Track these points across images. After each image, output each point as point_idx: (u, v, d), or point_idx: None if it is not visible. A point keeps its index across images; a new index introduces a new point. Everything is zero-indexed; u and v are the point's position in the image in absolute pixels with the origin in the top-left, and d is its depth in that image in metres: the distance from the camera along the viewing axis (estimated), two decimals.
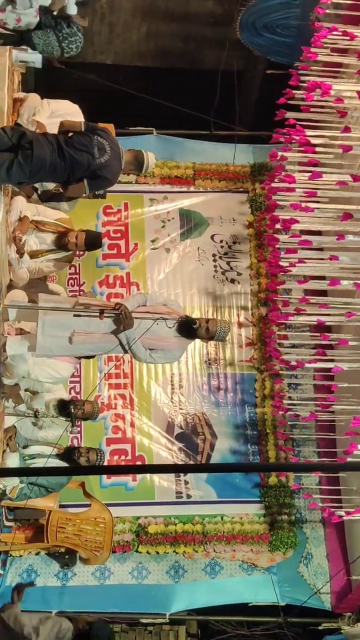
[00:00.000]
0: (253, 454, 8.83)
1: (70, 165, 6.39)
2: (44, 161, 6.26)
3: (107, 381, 8.73)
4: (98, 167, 6.48)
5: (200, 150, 9.63)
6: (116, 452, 8.65)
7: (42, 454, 7.25)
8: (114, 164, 6.59)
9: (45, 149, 6.27)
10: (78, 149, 6.40)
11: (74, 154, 6.36)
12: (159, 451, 8.70)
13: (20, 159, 6.19)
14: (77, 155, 6.37)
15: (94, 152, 6.46)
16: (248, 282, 9.27)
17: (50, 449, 7.33)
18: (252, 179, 9.53)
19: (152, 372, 8.89)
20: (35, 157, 6.21)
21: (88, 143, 6.49)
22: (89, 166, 6.44)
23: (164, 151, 9.50)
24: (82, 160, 6.40)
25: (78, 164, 6.40)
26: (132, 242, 9.29)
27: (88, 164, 6.43)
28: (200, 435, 8.82)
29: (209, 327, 6.86)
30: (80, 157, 6.39)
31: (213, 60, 10.46)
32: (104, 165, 6.51)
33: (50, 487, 7.29)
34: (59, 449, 7.47)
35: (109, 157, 6.52)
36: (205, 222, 9.44)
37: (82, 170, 6.45)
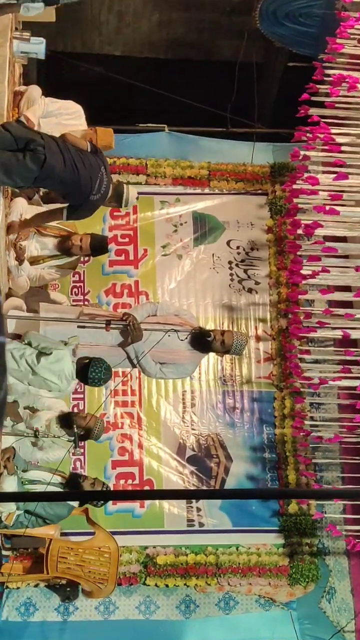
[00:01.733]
0: (271, 479, 8.83)
1: (73, 182, 6.42)
2: (53, 171, 6.27)
3: (113, 398, 8.73)
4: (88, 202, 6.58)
5: (216, 149, 9.65)
6: (122, 475, 8.65)
7: (43, 480, 7.21)
8: (100, 201, 6.71)
9: (57, 158, 6.28)
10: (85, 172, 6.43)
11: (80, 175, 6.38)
12: (169, 475, 8.70)
13: (29, 162, 6.15)
14: (81, 178, 6.40)
15: (95, 184, 6.52)
16: (267, 292, 9.29)
17: (52, 476, 7.28)
18: (271, 180, 9.55)
19: (162, 389, 8.89)
20: (47, 164, 6.20)
21: (95, 171, 6.53)
22: (84, 195, 6.52)
23: (177, 150, 9.58)
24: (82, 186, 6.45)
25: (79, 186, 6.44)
26: (142, 247, 9.32)
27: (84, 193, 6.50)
28: (214, 458, 8.82)
29: (224, 340, 6.89)
30: (83, 182, 6.43)
31: (230, 52, 10.51)
32: (94, 201, 6.62)
33: (48, 519, 7.24)
34: (62, 476, 7.43)
35: (100, 195, 6.61)
36: (220, 227, 9.47)
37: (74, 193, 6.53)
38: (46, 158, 6.16)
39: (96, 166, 6.48)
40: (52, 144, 6.31)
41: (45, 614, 8.09)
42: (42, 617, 8.08)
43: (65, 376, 6.83)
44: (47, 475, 7.25)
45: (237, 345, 6.97)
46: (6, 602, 8.02)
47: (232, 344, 6.93)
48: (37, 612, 8.09)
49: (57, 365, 6.76)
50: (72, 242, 7.58)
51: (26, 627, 7.98)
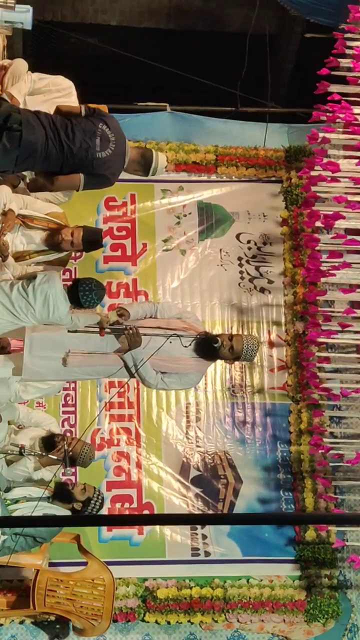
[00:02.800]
0: (286, 502, 8.84)
1: (65, 156, 6.34)
2: (35, 147, 6.21)
3: (108, 412, 8.73)
4: (98, 163, 6.44)
5: (224, 131, 9.66)
6: (119, 498, 8.64)
7: (28, 497, 7.22)
8: (116, 160, 6.56)
9: (37, 133, 6.21)
10: (77, 137, 6.34)
11: (72, 142, 6.30)
12: (170, 498, 8.71)
13: (6, 142, 6.11)
14: (75, 145, 6.31)
15: (95, 143, 6.41)
16: (281, 292, 9.29)
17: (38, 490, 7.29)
18: (287, 165, 9.56)
19: (162, 401, 8.90)
20: (25, 141, 6.15)
21: (90, 131, 6.43)
22: (88, 160, 6.39)
23: (180, 131, 9.58)
24: (80, 152, 6.34)
25: (74, 155, 6.34)
26: (140, 241, 9.33)
27: (87, 157, 6.37)
28: (222, 479, 8.81)
29: (233, 345, 6.88)
30: (78, 147, 6.33)
31: (240, 22, 10.52)
32: (105, 160, 6.47)
33: (39, 537, 7.22)
34: (49, 490, 7.41)
35: (111, 152, 6.48)
36: (229, 218, 9.48)
37: (79, 163, 6.39)
38: (22, 135, 6.11)
39: (90, 127, 6.42)
40: (31, 117, 6.26)
41: None
42: None
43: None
44: (33, 490, 7.26)
45: (247, 351, 6.93)
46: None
47: (242, 349, 6.89)
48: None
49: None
50: (62, 235, 7.53)
51: None
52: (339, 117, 7.45)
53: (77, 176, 6.46)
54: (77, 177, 6.46)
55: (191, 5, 11.03)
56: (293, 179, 9.45)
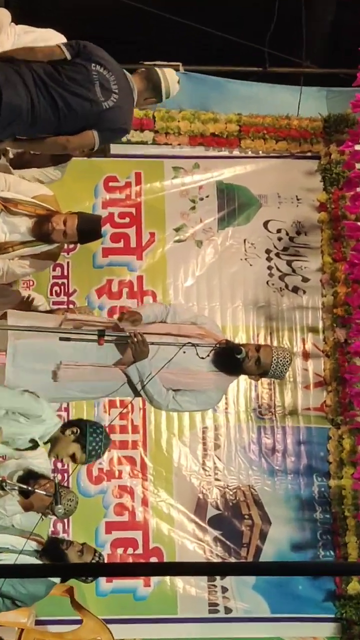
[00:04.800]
0: (324, 547, 8.92)
1: (60, 116, 6.28)
2: (19, 110, 6.16)
3: None
4: (106, 115, 6.37)
5: (249, 96, 9.72)
6: (121, 542, 8.72)
7: (11, 548, 7.22)
8: (125, 103, 6.46)
9: (20, 91, 6.16)
10: (72, 89, 6.25)
11: (67, 97, 6.23)
12: (184, 542, 8.79)
13: None
14: (71, 100, 6.25)
15: (95, 93, 6.31)
16: (319, 292, 9.38)
17: (22, 540, 7.26)
18: (325, 138, 9.62)
19: (174, 424, 8.98)
20: (6, 104, 6.12)
21: (84, 79, 6.33)
22: (92, 115, 6.32)
23: (196, 96, 9.60)
24: (80, 107, 6.27)
25: (73, 112, 6.28)
26: (147, 231, 9.42)
27: (90, 111, 6.31)
28: (246, 520, 8.89)
29: (260, 358, 6.80)
30: (76, 102, 6.27)
31: None
32: (114, 109, 6.38)
33: (18, 600, 7.22)
34: (38, 541, 7.42)
35: (118, 97, 6.38)
36: (255, 203, 9.55)
37: (81, 121, 6.33)
38: (2, 97, 6.06)
39: (83, 73, 6.40)
40: (11, 73, 6.19)
41: None
42: None
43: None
44: (17, 540, 7.26)
45: (277, 366, 6.85)
46: None
47: (270, 363, 6.82)
48: None
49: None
50: (52, 224, 7.53)
51: None
52: None
53: (89, 133, 6.38)
54: (89, 134, 6.38)
55: None
56: (333, 155, 9.49)
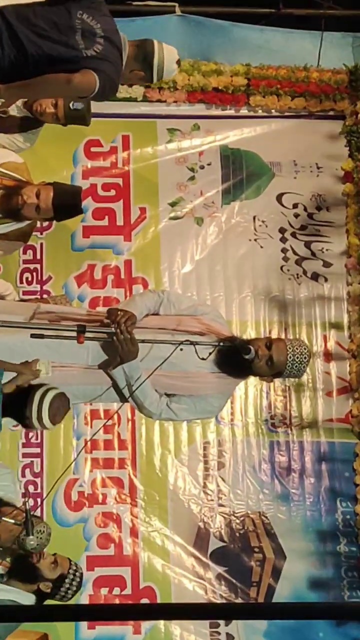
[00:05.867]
0: (350, 586, 8.80)
1: (31, 65, 6.22)
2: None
3: (89, 454, 8.73)
4: (86, 63, 6.30)
5: (260, 42, 9.62)
6: (105, 581, 8.65)
7: None
8: (111, 56, 6.42)
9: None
10: (44, 35, 6.24)
11: (37, 40, 6.19)
12: (181, 580, 8.71)
13: None
14: (42, 43, 6.19)
15: (75, 40, 6.29)
16: (343, 279, 9.31)
17: None
18: (351, 94, 9.51)
19: (169, 438, 8.91)
20: None
21: (64, 24, 6.32)
22: (69, 61, 6.26)
23: (195, 43, 9.54)
24: (53, 52, 6.22)
25: (45, 56, 6.22)
26: (137, 206, 9.31)
27: (67, 57, 6.26)
28: (256, 553, 8.77)
29: (272, 356, 6.64)
30: (47, 47, 6.22)
31: None
32: (95, 58, 6.33)
33: None
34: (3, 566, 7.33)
35: (102, 48, 6.34)
36: (267, 171, 9.47)
37: (57, 66, 6.27)
38: None
39: (65, 16, 6.33)
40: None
41: None
42: None
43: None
44: None
45: (294, 363, 6.68)
46: None
47: (285, 361, 6.65)
48: None
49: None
50: (22, 197, 7.38)
51: None
52: None
53: (89, 72, 6.32)
54: (90, 73, 6.32)
55: None
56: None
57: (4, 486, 7.54)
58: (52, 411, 6.41)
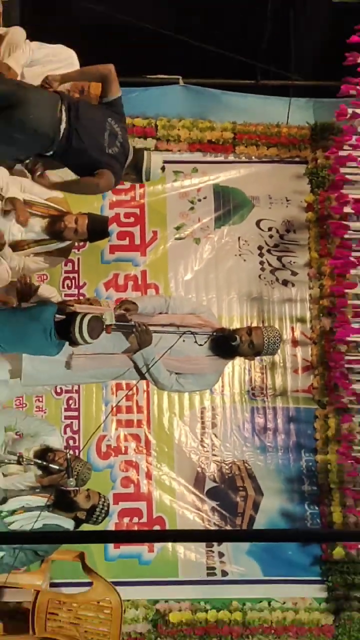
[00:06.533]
0: (312, 517, 8.85)
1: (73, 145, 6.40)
2: (44, 137, 6.29)
3: (115, 417, 8.79)
4: (106, 160, 6.55)
5: (243, 106, 9.65)
6: (127, 512, 8.68)
7: (26, 507, 7.17)
8: (122, 158, 6.68)
9: (45, 117, 6.27)
10: (85, 125, 6.39)
11: (80, 130, 6.34)
12: (184, 512, 8.74)
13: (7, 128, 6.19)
14: (82, 133, 6.35)
15: (104, 137, 6.49)
16: (306, 285, 9.30)
17: (36, 499, 7.24)
18: (312, 144, 9.56)
19: (175, 405, 8.93)
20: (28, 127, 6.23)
21: (98, 122, 6.50)
22: (95, 153, 6.49)
23: (194, 107, 9.58)
24: (86, 142, 6.40)
25: (82, 144, 6.41)
26: (150, 229, 9.36)
27: (94, 149, 6.47)
28: (241, 491, 8.83)
29: (253, 341, 6.76)
30: (85, 137, 6.39)
31: None
32: (114, 158, 6.59)
33: (41, 551, 7.16)
34: (49, 499, 7.32)
35: (118, 150, 6.57)
36: (248, 203, 9.49)
37: (84, 155, 6.49)
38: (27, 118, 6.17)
39: (99, 117, 6.47)
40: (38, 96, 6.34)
41: None
42: None
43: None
44: (31, 499, 7.22)
45: (269, 344, 6.82)
46: None
47: (263, 343, 6.79)
48: None
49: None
50: (64, 223, 7.47)
51: None
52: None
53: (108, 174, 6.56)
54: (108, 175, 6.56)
55: None
56: (319, 160, 9.43)
57: (52, 440, 7.65)
58: (90, 328, 6.46)
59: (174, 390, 7.01)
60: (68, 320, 6.59)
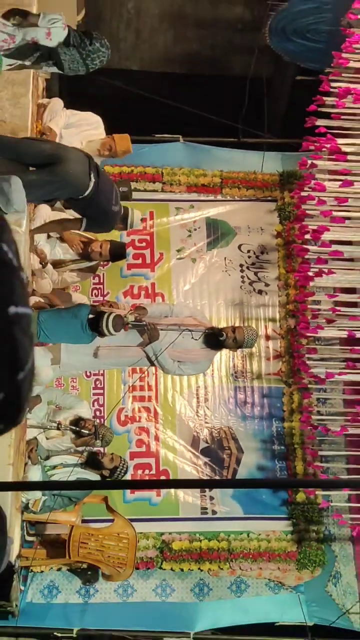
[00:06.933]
0: (280, 469, 8.78)
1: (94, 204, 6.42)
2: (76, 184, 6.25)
3: (131, 394, 8.70)
4: (113, 215, 6.61)
5: (228, 158, 9.60)
6: (140, 466, 8.62)
7: (64, 464, 7.26)
8: (118, 216, 6.77)
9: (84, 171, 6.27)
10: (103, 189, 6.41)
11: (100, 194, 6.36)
12: (183, 466, 8.67)
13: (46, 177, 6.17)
14: (102, 193, 6.37)
15: (112, 196, 6.52)
16: (276, 294, 9.22)
17: (72, 458, 7.34)
18: (281, 187, 9.48)
19: (177, 384, 8.85)
20: (72, 175, 6.21)
21: (109, 182, 6.56)
22: (108, 209, 6.54)
23: (191, 158, 9.55)
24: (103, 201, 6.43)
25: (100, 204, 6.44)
26: (158, 251, 9.28)
27: (106, 206, 6.51)
28: (226, 450, 8.78)
29: (236, 337, 6.90)
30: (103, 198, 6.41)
31: (241, 67, 10.46)
32: (117, 213, 6.65)
33: (74, 497, 7.30)
34: (81, 458, 7.47)
35: (118, 208, 6.64)
36: (232, 232, 9.42)
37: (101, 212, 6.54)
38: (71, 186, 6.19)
39: (109, 181, 6.51)
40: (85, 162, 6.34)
41: (67, 596, 8.05)
42: (64, 599, 8.03)
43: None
44: (68, 458, 7.28)
45: (248, 340, 6.98)
46: (30, 585, 7.99)
47: (243, 339, 6.94)
48: (59, 595, 8.05)
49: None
50: (92, 248, 7.57)
51: (49, 609, 7.95)
52: (325, 147, 7.44)
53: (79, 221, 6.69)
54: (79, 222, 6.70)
55: (200, 53, 11.04)
56: (286, 199, 9.40)
57: (83, 411, 7.76)
58: (114, 323, 6.58)
59: (176, 374, 7.19)
60: (97, 318, 6.60)
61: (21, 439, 6.75)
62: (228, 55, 10.92)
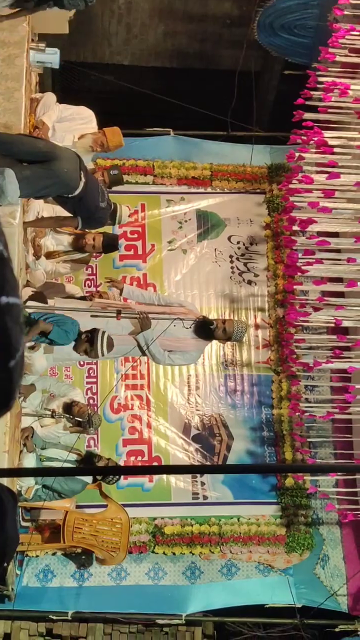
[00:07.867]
0: (269, 455, 8.80)
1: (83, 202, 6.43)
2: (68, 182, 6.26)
3: (124, 382, 8.70)
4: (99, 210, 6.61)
5: (218, 151, 9.59)
6: (133, 453, 8.64)
7: (59, 458, 7.26)
8: (107, 211, 6.78)
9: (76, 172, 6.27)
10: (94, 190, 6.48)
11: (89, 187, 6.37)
12: (175, 452, 8.67)
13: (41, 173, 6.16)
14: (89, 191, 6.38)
15: (99, 193, 6.55)
16: (265, 284, 9.22)
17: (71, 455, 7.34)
18: (269, 180, 9.46)
19: (168, 373, 8.85)
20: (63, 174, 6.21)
21: (96, 180, 6.62)
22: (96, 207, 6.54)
23: (181, 152, 9.51)
24: (88, 197, 6.42)
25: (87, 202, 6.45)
26: (149, 243, 9.26)
27: (95, 205, 6.52)
28: (217, 437, 8.79)
29: (225, 328, 6.88)
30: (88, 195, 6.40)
31: (230, 61, 10.47)
32: (104, 210, 6.65)
33: (63, 493, 7.31)
34: (77, 454, 7.48)
35: (106, 205, 6.66)
36: (222, 223, 9.41)
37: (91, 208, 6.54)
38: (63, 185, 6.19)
39: (95, 179, 6.53)
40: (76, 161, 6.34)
41: (62, 580, 8.08)
42: (59, 583, 8.07)
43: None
44: (64, 453, 7.27)
45: (237, 333, 6.95)
46: (26, 570, 8.02)
47: (233, 331, 6.91)
48: (54, 579, 8.08)
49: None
50: (85, 240, 7.57)
51: (44, 592, 7.99)
52: (312, 140, 7.45)
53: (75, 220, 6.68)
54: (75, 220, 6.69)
55: (189, 47, 11.01)
56: (274, 191, 9.38)
57: (78, 398, 7.71)
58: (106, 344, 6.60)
59: (166, 364, 7.17)
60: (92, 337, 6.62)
61: (16, 427, 6.75)
62: (217, 50, 10.91)
